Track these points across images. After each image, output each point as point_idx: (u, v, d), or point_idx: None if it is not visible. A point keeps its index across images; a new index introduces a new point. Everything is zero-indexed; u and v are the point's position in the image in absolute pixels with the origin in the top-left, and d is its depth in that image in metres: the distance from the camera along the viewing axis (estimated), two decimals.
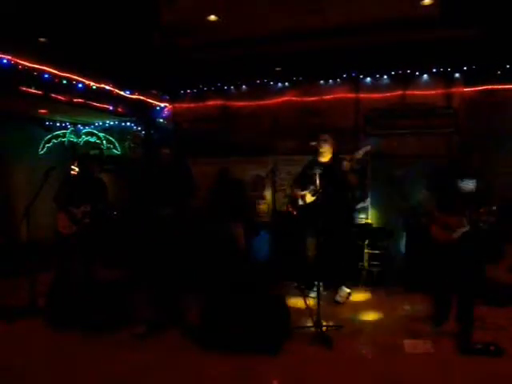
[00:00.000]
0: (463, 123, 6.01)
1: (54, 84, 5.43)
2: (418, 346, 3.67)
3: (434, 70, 6.16)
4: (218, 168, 6.19)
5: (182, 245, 4.30)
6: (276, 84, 6.82)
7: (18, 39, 4.91)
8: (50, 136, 7.47)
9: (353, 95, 6.52)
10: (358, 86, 6.49)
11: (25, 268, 4.95)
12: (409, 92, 6.28)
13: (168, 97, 7.37)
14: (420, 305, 4.59)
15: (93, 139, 7.47)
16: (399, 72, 6.26)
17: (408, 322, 4.24)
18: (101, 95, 6.21)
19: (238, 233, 5.65)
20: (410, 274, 5.28)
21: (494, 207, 3.51)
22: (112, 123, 7.71)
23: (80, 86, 5.75)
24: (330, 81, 6.60)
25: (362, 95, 6.47)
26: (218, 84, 7.05)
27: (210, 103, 7.18)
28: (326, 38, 5.88)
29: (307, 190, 4.89)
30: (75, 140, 7.54)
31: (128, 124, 7.60)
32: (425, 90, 6.21)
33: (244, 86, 7.00)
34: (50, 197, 4.79)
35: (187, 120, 7.27)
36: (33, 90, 5.35)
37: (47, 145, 7.41)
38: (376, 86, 6.41)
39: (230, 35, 6.02)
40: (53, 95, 5.66)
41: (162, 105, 7.37)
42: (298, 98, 6.73)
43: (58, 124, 7.70)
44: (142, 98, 6.91)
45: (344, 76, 6.52)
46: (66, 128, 7.67)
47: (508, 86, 5.89)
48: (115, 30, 5.45)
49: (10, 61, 4.87)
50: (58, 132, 7.56)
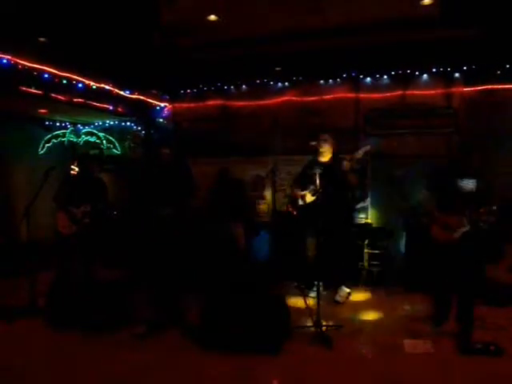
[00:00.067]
0: (463, 123, 6.01)
1: (54, 84, 5.43)
2: (418, 345, 3.67)
3: (433, 70, 6.16)
4: (217, 168, 6.19)
5: (182, 245, 4.30)
6: (276, 84, 6.82)
7: (17, 39, 4.90)
8: (49, 136, 7.46)
9: (353, 95, 6.52)
10: (358, 86, 6.49)
11: (25, 268, 4.94)
12: (409, 92, 6.28)
13: (168, 97, 7.36)
14: (420, 305, 4.59)
15: (93, 139, 7.46)
16: (399, 72, 6.26)
17: (408, 322, 4.24)
18: (101, 95, 6.21)
19: (238, 233, 5.65)
20: (410, 273, 5.28)
21: (494, 207, 3.51)
22: (112, 123, 7.70)
23: (80, 85, 5.74)
24: (330, 81, 6.60)
25: (362, 95, 6.48)
26: (218, 84, 7.05)
27: (209, 103, 7.18)
28: (326, 37, 5.88)
29: (307, 190, 4.89)
30: (75, 140, 7.54)
31: (128, 124, 7.60)
32: (425, 89, 6.21)
33: (244, 86, 7.00)
34: (50, 197, 4.79)
35: (187, 120, 7.26)
36: (33, 90, 5.34)
37: (47, 145, 7.41)
38: (376, 86, 6.41)
39: (230, 35, 6.02)
40: (53, 95, 5.66)
41: (162, 105, 7.37)
42: (298, 98, 6.73)
43: (58, 124, 7.69)
44: (141, 97, 6.90)
45: (344, 76, 6.52)
46: (65, 128, 7.66)
47: (508, 86, 5.89)
48: (115, 30, 5.44)
49: (9, 61, 4.86)
50: (58, 132, 7.55)
